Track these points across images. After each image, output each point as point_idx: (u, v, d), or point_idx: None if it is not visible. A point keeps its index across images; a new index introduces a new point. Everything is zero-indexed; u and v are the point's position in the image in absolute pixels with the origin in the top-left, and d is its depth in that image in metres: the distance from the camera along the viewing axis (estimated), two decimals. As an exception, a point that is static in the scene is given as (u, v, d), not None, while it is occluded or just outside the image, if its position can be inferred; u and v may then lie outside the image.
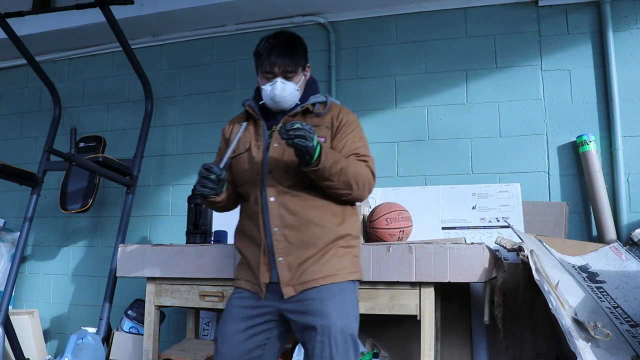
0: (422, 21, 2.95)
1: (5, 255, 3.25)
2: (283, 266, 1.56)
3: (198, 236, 2.48)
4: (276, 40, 1.63)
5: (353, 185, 1.57)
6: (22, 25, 3.06)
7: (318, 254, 1.57)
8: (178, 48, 3.40)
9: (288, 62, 1.61)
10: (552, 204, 2.54)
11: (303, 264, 1.56)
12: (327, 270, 1.56)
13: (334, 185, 1.55)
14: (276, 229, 1.57)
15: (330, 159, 1.51)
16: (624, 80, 2.60)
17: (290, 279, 1.55)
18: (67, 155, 2.45)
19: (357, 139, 1.67)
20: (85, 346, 2.50)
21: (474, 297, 2.40)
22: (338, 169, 1.53)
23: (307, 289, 1.54)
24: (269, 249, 1.58)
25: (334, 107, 1.72)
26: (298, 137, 1.43)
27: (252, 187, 1.64)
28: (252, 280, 1.62)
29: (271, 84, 1.62)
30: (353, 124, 1.69)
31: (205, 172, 1.54)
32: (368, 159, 1.65)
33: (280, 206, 1.58)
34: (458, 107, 2.83)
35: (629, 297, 1.96)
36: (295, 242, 1.57)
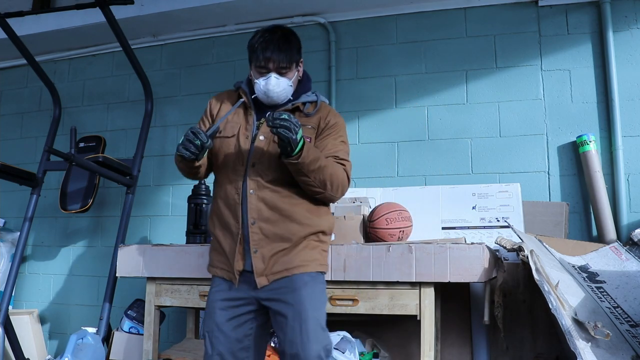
0: (422, 21, 2.95)
1: (5, 255, 3.25)
2: (257, 257, 1.60)
3: (198, 236, 2.48)
4: (271, 35, 1.64)
5: (327, 185, 1.61)
6: (22, 25, 3.06)
7: (292, 248, 1.62)
8: (178, 48, 3.40)
9: (282, 58, 1.62)
10: (552, 204, 2.54)
11: (275, 256, 1.61)
12: (298, 260, 1.61)
13: (309, 181, 1.59)
14: (253, 222, 1.61)
15: (310, 155, 1.55)
16: (624, 80, 2.60)
17: (263, 270, 1.60)
18: (67, 155, 2.45)
19: (339, 142, 1.71)
20: (85, 346, 2.50)
21: (474, 297, 2.40)
22: (316, 167, 1.56)
23: (278, 278, 1.60)
24: (245, 239, 1.61)
25: (323, 107, 1.75)
26: (283, 127, 1.46)
27: (233, 175, 1.65)
28: (226, 268, 1.66)
29: (265, 79, 1.63)
30: (337, 126, 1.72)
31: (191, 136, 1.54)
32: (346, 163, 1.69)
33: (259, 200, 1.61)
34: (458, 107, 2.82)
35: (629, 297, 1.96)
36: (271, 235, 1.61)
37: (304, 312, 1.54)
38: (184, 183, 3.18)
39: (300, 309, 1.54)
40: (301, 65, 1.74)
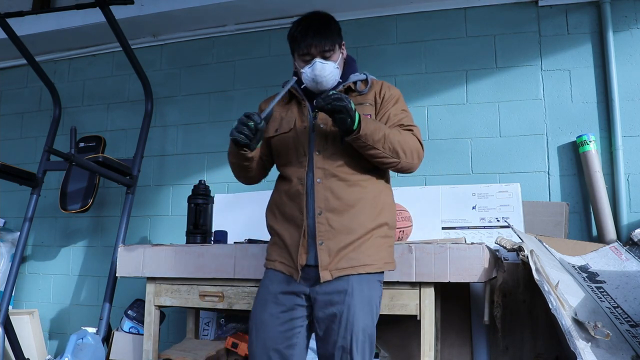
0: (422, 21, 2.95)
1: (5, 255, 3.25)
2: (323, 250, 1.55)
3: (198, 236, 2.48)
4: (309, 21, 1.64)
5: (400, 152, 1.57)
6: (22, 25, 3.06)
7: (358, 240, 1.57)
8: (178, 48, 3.40)
9: (324, 42, 1.60)
10: (552, 204, 2.54)
11: (342, 250, 1.55)
12: (364, 258, 1.56)
13: (380, 153, 1.54)
14: (319, 212, 1.56)
15: (370, 125, 1.52)
16: (624, 80, 2.60)
17: (328, 263, 1.54)
18: (67, 155, 2.45)
19: (400, 110, 1.67)
20: (85, 346, 2.50)
21: (474, 297, 2.40)
22: (381, 136, 1.52)
23: (342, 275, 1.54)
24: (309, 232, 1.57)
25: (375, 83, 1.73)
26: (335, 99, 1.45)
27: (297, 167, 1.62)
28: (287, 262, 1.60)
29: (310, 66, 1.61)
30: (394, 97, 1.69)
31: (244, 119, 1.50)
32: (413, 128, 1.65)
33: (326, 189, 1.58)
34: (458, 107, 2.82)
35: (629, 297, 1.96)
36: (337, 226, 1.56)
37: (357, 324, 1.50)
38: (184, 183, 3.19)
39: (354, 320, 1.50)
40: (344, 48, 1.72)
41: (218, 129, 3.21)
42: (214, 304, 2.21)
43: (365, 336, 1.52)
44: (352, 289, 1.53)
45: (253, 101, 3.16)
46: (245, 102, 3.19)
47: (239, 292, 2.17)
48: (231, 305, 2.17)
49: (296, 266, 1.57)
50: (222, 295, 2.18)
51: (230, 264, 2.15)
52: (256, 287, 2.13)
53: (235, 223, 2.78)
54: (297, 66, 1.67)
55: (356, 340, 1.50)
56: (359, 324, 1.51)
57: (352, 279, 1.54)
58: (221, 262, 2.17)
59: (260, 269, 2.09)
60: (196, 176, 3.05)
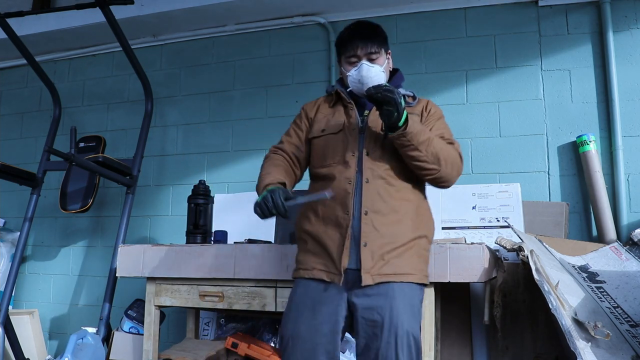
0: (422, 21, 2.95)
1: (5, 255, 3.25)
2: (367, 252, 1.52)
3: (198, 236, 2.48)
4: (357, 26, 1.68)
5: (442, 160, 1.55)
6: (22, 25, 3.06)
7: (401, 247, 1.55)
8: (178, 48, 3.40)
9: (370, 44, 1.63)
10: (552, 204, 2.54)
11: (386, 255, 1.52)
12: (408, 267, 1.54)
13: (422, 156, 1.52)
14: (365, 212, 1.54)
15: (417, 125, 1.51)
16: (624, 80, 2.60)
17: (371, 267, 1.51)
18: (67, 155, 2.45)
19: (443, 126, 1.70)
20: (85, 346, 2.50)
21: (474, 297, 2.40)
22: (425, 138, 1.52)
23: (384, 282, 1.51)
24: (353, 233, 1.54)
25: (422, 100, 1.76)
26: (387, 91, 1.45)
27: (343, 167, 1.60)
28: (327, 268, 1.55)
29: (356, 69, 1.63)
30: (438, 113, 1.73)
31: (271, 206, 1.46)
32: (454, 142, 1.66)
33: (374, 190, 1.56)
34: (458, 107, 2.82)
35: (629, 297, 1.96)
36: (381, 229, 1.54)
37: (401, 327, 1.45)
38: (184, 183, 3.19)
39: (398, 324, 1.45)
40: (390, 56, 1.73)
41: (218, 129, 3.21)
42: (214, 304, 2.20)
43: (410, 339, 1.46)
44: (393, 292, 1.50)
45: (253, 101, 3.17)
46: (245, 102, 3.19)
47: (239, 292, 2.16)
48: (231, 305, 2.17)
49: (339, 270, 1.52)
50: (222, 295, 2.18)
51: (230, 264, 2.15)
52: (256, 287, 2.14)
53: (235, 223, 2.77)
54: (342, 71, 1.69)
55: (401, 344, 1.44)
56: (403, 326, 1.46)
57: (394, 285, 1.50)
58: (221, 262, 2.17)
59: (261, 269, 2.11)
60: (196, 176, 3.05)
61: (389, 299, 1.48)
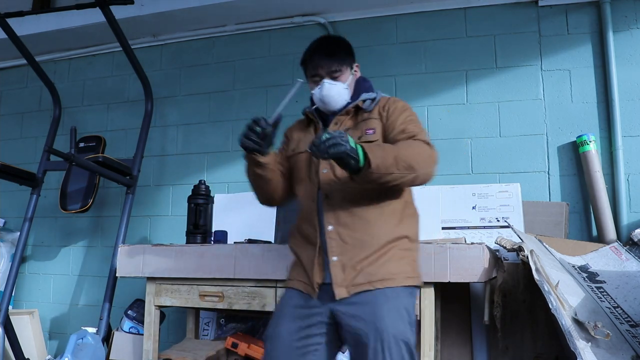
0: (422, 21, 2.95)
1: (5, 255, 3.25)
2: (336, 266, 1.51)
3: (198, 236, 2.48)
4: (318, 44, 1.67)
5: (415, 165, 1.45)
6: (22, 25, 3.06)
7: (374, 254, 1.50)
8: (178, 48, 3.40)
9: (331, 62, 1.61)
10: (552, 204, 2.54)
11: (358, 265, 1.50)
12: (382, 273, 1.49)
13: (396, 176, 1.43)
14: (330, 227, 1.53)
15: (378, 154, 1.40)
16: (624, 80, 2.60)
17: (343, 280, 1.49)
18: (67, 155, 2.45)
19: (406, 118, 1.61)
20: (85, 346, 2.50)
21: (474, 297, 2.40)
22: (392, 159, 1.41)
23: (360, 291, 1.48)
24: (323, 248, 1.54)
25: (381, 100, 1.69)
26: (331, 147, 1.34)
27: (309, 186, 1.61)
28: (305, 281, 1.57)
29: (319, 87, 1.62)
30: (398, 108, 1.64)
31: (252, 124, 1.48)
32: (417, 133, 1.56)
33: (335, 204, 1.54)
34: (458, 107, 2.82)
35: (629, 297, 1.96)
36: (350, 241, 1.52)
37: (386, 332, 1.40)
38: (184, 183, 3.18)
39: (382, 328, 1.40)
40: (357, 69, 1.71)
41: (218, 129, 3.21)
42: (214, 304, 2.21)
43: (399, 343, 1.40)
44: (375, 298, 1.46)
45: (253, 101, 3.17)
46: (245, 102, 3.19)
47: (239, 292, 2.17)
48: (231, 305, 2.17)
49: (313, 285, 1.53)
50: (222, 295, 2.18)
51: (230, 264, 2.15)
52: (256, 287, 2.14)
53: (235, 223, 2.77)
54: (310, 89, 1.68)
55: (389, 349, 1.39)
56: (388, 331, 1.40)
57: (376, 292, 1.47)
58: (221, 262, 2.17)
59: (261, 269, 2.11)
60: (196, 176, 3.05)
61: (371, 306, 1.45)
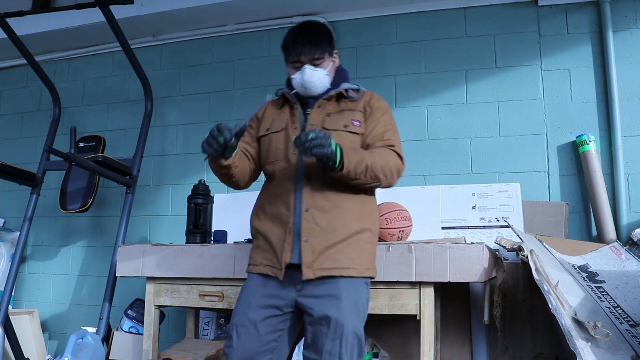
0: (422, 21, 2.95)
1: (5, 255, 3.25)
2: (307, 247, 1.57)
3: (198, 236, 2.48)
4: (301, 30, 1.68)
5: (381, 176, 1.60)
6: (22, 25, 3.06)
7: (343, 242, 1.59)
8: (178, 48, 3.40)
9: (314, 50, 1.64)
10: (552, 204, 2.54)
11: (327, 250, 1.57)
12: (347, 261, 1.58)
13: (362, 182, 1.58)
14: (307, 209, 1.59)
15: (353, 160, 1.53)
16: (624, 80, 2.60)
17: (312, 262, 1.56)
18: (67, 155, 2.45)
19: (386, 123, 1.71)
20: (85, 346, 2.50)
21: (474, 297, 2.40)
22: (364, 168, 1.55)
23: (325, 276, 1.55)
24: (295, 229, 1.59)
25: (366, 94, 1.76)
26: (315, 147, 1.44)
27: (286, 165, 1.65)
28: (271, 264, 1.61)
29: (300, 72, 1.65)
30: (384, 109, 1.73)
31: (216, 133, 1.50)
32: (395, 144, 1.68)
33: (315, 188, 1.60)
34: (458, 107, 2.83)
35: (629, 297, 1.96)
36: (323, 225, 1.58)
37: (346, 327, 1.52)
38: (184, 183, 3.19)
39: (344, 323, 1.52)
40: (336, 56, 1.75)
41: (218, 129, 3.21)
42: (214, 304, 2.21)
43: (355, 339, 1.54)
44: (340, 293, 1.55)
45: (253, 101, 3.17)
46: (245, 102, 3.19)
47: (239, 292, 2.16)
48: (231, 305, 2.17)
49: (281, 265, 1.58)
50: (222, 295, 2.18)
51: (230, 264, 2.15)
52: (256, 287, 2.13)
53: (235, 223, 2.77)
54: (289, 74, 1.71)
55: (346, 343, 1.51)
56: (349, 326, 1.52)
57: (340, 282, 1.56)
58: (221, 262, 2.17)
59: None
60: (196, 176, 3.05)
61: (336, 300, 1.54)
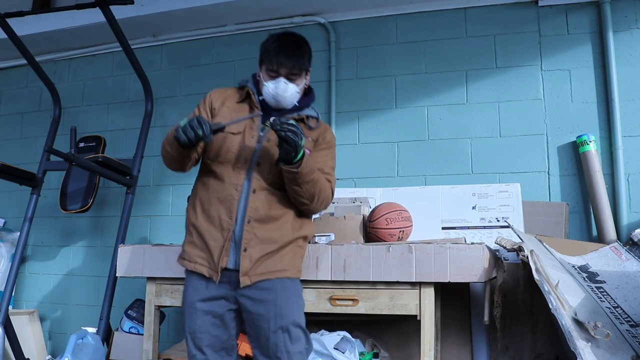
0: (422, 21, 2.95)
1: (5, 255, 3.25)
2: (245, 256, 1.60)
3: (198, 236, 2.48)
4: (285, 41, 1.66)
5: (315, 198, 1.66)
6: (22, 25, 3.06)
7: (279, 251, 1.65)
8: (178, 48, 3.40)
9: (294, 64, 1.64)
10: (552, 204, 2.54)
11: (262, 258, 1.62)
12: (281, 265, 1.64)
13: (300, 192, 1.62)
14: (248, 220, 1.61)
15: (308, 166, 1.59)
16: (624, 80, 2.60)
17: (248, 270, 1.60)
18: (67, 155, 2.45)
19: (330, 158, 1.77)
20: (85, 346, 2.50)
21: (474, 297, 2.40)
22: (310, 179, 1.60)
23: (261, 280, 1.61)
24: (234, 237, 1.61)
25: (322, 125, 1.80)
26: (291, 132, 1.48)
27: (234, 171, 1.65)
28: (207, 265, 1.64)
29: (274, 82, 1.64)
30: (331, 143, 1.78)
31: (196, 124, 1.50)
32: (331, 178, 1.74)
33: (258, 200, 1.63)
34: (458, 107, 2.82)
35: (629, 297, 1.96)
36: (261, 236, 1.62)
37: (286, 318, 1.58)
38: (184, 183, 3.18)
39: (283, 314, 1.58)
40: (309, 76, 1.75)
41: (218, 129, 3.21)
42: (214, 304, 2.20)
43: (297, 328, 1.60)
44: (275, 286, 1.61)
45: (253, 101, 3.17)
46: (245, 102, 3.19)
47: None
48: (231, 305, 2.17)
49: (217, 268, 1.61)
50: (222, 295, 2.18)
51: (230, 264, 2.15)
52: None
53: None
54: (261, 76, 1.69)
55: (288, 333, 1.57)
56: (288, 317, 1.58)
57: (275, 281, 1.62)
58: (221, 262, 2.17)
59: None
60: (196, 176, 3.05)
61: (272, 293, 1.60)
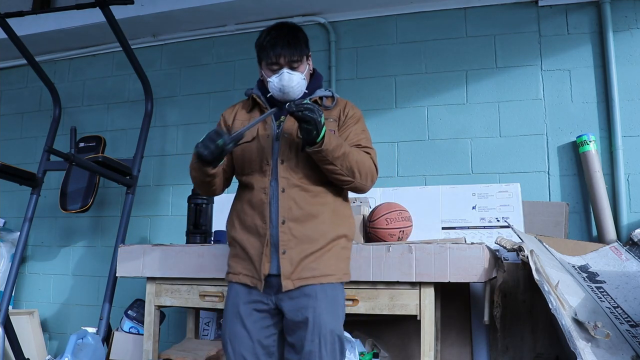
0: (422, 21, 2.95)
1: (5, 255, 3.25)
2: (285, 259, 1.56)
3: (198, 236, 2.48)
4: (278, 32, 1.64)
5: (356, 172, 1.59)
6: (22, 25, 3.06)
7: (319, 251, 1.58)
8: (178, 48, 3.40)
9: (293, 52, 1.61)
10: (552, 204, 2.54)
11: (304, 260, 1.57)
12: (325, 269, 1.58)
13: (337, 169, 1.56)
14: (283, 221, 1.57)
15: (333, 141, 1.53)
16: (624, 80, 2.60)
17: (290, 273, 1.56)
18: (67, 155, 2.45)
19: (360, 131, 1.70)
20: (85, 346, 2.50)
21: (474, 297, 2.40)
22: (341, 153, 1.54)
23: (304, 285, 1.56)
24: (272, 241, 1.58)
25: (340, 101, 1.75)
26: (307, 110, 1.45)
27: (260, 176, 1.63)
28: (251, 274, 1.61)
29: (278, 75, 1.61)
30: (356, 116, 1.72)
31: (214, 135, 1.48)
32: (371, 150, 1.68)
33: (290, 198, 1.59)
34: (458, 107, 2.82)
35: (629, 297, 1.96)
36: (300, 235, 1.57)
37: (324, 326, 1.53)
38: (184, 183, 3.18)
39: (321, 323, 1.53)
40: (310, 59, 1.73)
41: (218, 129, 3.21)
42: (214, 304, 2.21)
43: (334, 337, 1.55)
44: (316, 293, 1.56)
45: (253, 101, 3.17)
46: (245, 102, 3.19)
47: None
48: (231, 305, 2.17)
49: (260, 276, 1.58)
50: (222, 295, 2.18)
51: (230, 264, 2.15)
52: (256, 287, 2.13)
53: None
54: (263, 75, 1.67)
55: (325, 342, 1.52)
56: (326, 326, 1.53)
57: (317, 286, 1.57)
58: (221, 262, 2.16)
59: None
60: (196, 176, 3.05)
61: (312, 300, 1.55)
